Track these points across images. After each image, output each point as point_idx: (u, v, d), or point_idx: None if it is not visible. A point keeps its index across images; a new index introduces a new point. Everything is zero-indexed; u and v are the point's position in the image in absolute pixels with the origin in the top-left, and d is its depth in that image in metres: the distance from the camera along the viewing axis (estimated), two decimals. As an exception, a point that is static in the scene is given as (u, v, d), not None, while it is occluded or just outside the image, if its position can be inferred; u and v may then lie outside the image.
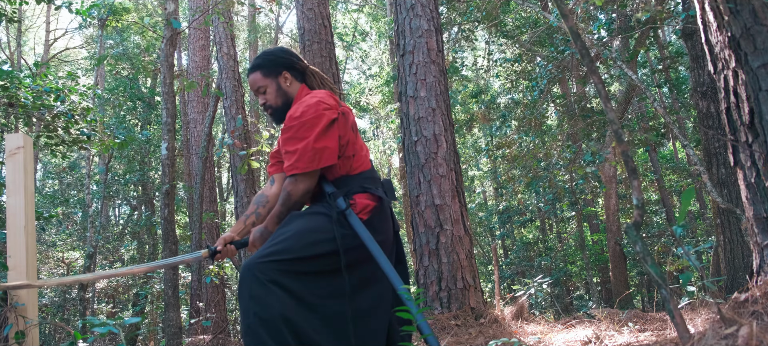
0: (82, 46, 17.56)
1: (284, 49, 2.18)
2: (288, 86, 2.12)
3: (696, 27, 5.70)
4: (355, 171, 2.04)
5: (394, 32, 4.79)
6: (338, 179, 2.01)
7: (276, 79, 2.11)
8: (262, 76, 2.11)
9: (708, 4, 2.74)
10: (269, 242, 1.86)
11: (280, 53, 2.15)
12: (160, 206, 5.14)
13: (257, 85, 2.12)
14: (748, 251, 5.38)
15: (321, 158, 1.91)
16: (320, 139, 1.91)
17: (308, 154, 1.90)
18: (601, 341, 2.82)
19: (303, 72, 2.16)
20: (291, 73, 2.13)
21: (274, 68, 2.11)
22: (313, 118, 1.93)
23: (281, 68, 2.12)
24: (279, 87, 2.11)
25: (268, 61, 2.12)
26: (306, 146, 1.90)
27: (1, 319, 2.43)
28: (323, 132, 1.92)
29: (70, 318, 10.48)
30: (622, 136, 2.10)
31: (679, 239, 1.94)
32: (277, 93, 2.11)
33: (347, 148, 2.02)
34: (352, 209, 1.94)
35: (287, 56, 2.13)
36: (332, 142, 1.93)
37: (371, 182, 2.05)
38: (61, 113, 4.33)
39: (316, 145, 1.91)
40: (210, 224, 8.64)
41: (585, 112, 9.05)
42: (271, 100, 2.11)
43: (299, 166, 1.92)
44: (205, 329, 6.85)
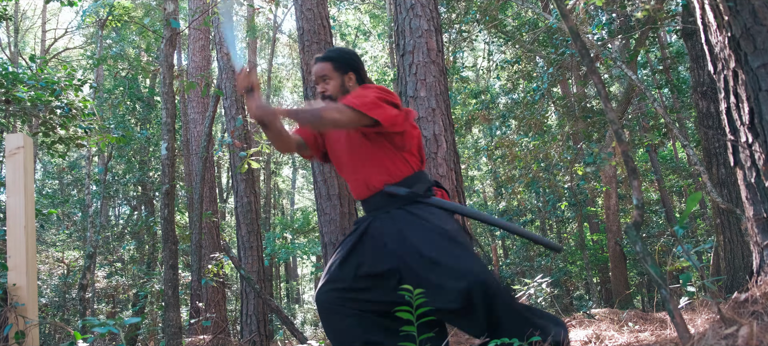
0: (82, 46, 17.56)
1: (356, 54, 2.39)
2: (350, 86, 2.31)
3: (696, 27, 5.70)
4: (422, 167, 2.31)
5: (394, 32, 4.79)
6: (415, 173, 2.25)
7: (342, 76, 2.30)
8: (332, 69, 2.30)
9: (708, 4, 2.74)
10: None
11: (352, 56, 2.35)
12: (160, 206, 5.14)
13: (323, 74, 2.30)
14: (748, 251, 5.38)
15: (372, 108, 2.09)
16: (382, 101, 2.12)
17: (367, 100, 2.11)
18: (601, 341, 2.82)
19: (363, 80, 2.36)
20: (355, 76, 2.33)
21: (344, 66, 2.31)
22: (387, 92, 2.18)
23: (349, 69, 2.32)
24: (343, 83, 2.30)
25: (342, 58, 2.32)
26: (368, 95, 2.12)
27: (1, 319, 2.43)
28: (385, 100, 2.14)
29: (70, 318, 10.48)
30: (623, 136, 2.10)
31: (680, 239, 1.94)
32: (340, 88, 2.29)
33: (415, 146, 2.27)
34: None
35: (357, 61, 2.35)
36: (389, 109, 2.13)
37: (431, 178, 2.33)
38: (58, 108, 4.33)
39: (376, 99, 2.11)
40: (209, 223, 8.64)
41: (585, 113, 9.05)
42: (331, 91, 2.29)
43: (356, 103, 2.09)
44: (205, 329, 6.85)
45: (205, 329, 6.86)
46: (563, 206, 11.16)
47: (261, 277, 6.68)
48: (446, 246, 2.05)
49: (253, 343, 6.24)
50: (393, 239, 2.13)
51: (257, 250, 6.86)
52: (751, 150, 2.54)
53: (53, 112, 4.37)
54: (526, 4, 8.15)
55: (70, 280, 11.31)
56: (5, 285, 2.48)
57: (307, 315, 17.37)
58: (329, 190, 4.87)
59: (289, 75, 21.43)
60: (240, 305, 7.32)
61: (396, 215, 2.17)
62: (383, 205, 2.22)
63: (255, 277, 6.51)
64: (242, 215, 6.94)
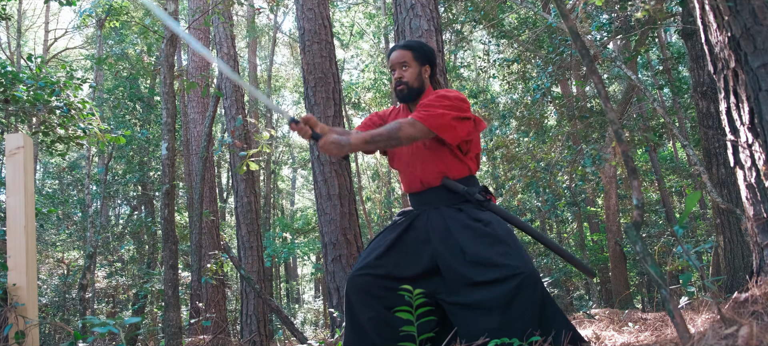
0: (82, 46, 17.55)
1: (433, 49, 2.47)
2: (425, 76, 2.39)
3: (696, 27, 5.70)
4: (475, 171, 2.38)
5: (394, 32, 4.79)
6: (469, 176, 2.32)
7: (420, 67, 2.37)
8: (412, 57, 2.37)
9: (708, 4, 2.74)
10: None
11: (430, 50, 2.43)
12: (160, 206, 5.14)
13: (403, 60, 2.36)
14: (748, 251, 5.38)
15: (444, 130, 2.16)
16: (456, 120, 2.18)
17: (442, 120, 2.15)
18: (601, 341, 2.82)
19: (433, 76, 2.45)
20: (431, 71, 2.41)
21: (423, 58, 2.38)
22: (462, 103, 2.22)
23: (427, 62, 2.39)
24: (420, 74, 2.37)
25: (422, 50, 2.39)
26: (445, 114, 2.16)
27: (1, 319, 2.43)
28: (460, 118, 2.19)
29: (70, 318, 10.47)
30: (622, 136, 2.10)
31: (680, 239, 1.94)
32: (417, 77, 2.36)
33: (472, 149, 2.33)
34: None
35: (434, 56, 2.43)
36: (461, 129, 2.20)
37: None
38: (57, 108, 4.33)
39: (451, 120, 2.16)
40: (209, 223, 8.64)
41: (583, 113, 9.05)
42: (409, 78, 2.35)
43: (428, 121, 2.14)
44: (205, 329, 6.85)
45: (205, 329, 6.86)
46: (561, 205, 11.16)
47: (261, 277, 6.68)
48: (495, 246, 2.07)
49: (253, 343, 6.24)
50: (438, 235, 2.17)
51: (257, 250, 6.86)
52: (751, 150, 2.54)
53: (53, 112, 4.38)
54: (525, 3, 8.15)
55: (70, 280, 11.31)
56: (5, 285, 2.48)
57: (307, 315, 17.38)
58: (329, 190, 4.87)
59: (289, 75, 21.42)
60: (240, 305, 7.32)
61: (445, 213, 2.21)
62: (434, 201, 2.27)
63: (255, 277, 6.51)
64: (242, 215, 6.94)
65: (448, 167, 2.27)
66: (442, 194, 2.25)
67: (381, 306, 2.15)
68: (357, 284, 2.18)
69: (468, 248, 2.07)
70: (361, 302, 2.17)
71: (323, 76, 5.18)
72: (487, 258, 2.02)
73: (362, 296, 2.17)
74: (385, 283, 2.17)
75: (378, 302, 2.16)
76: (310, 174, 21.46)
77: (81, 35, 17.82)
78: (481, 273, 2.02)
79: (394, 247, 2.22)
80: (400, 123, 2.14)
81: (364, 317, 2.16)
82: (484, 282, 2.00)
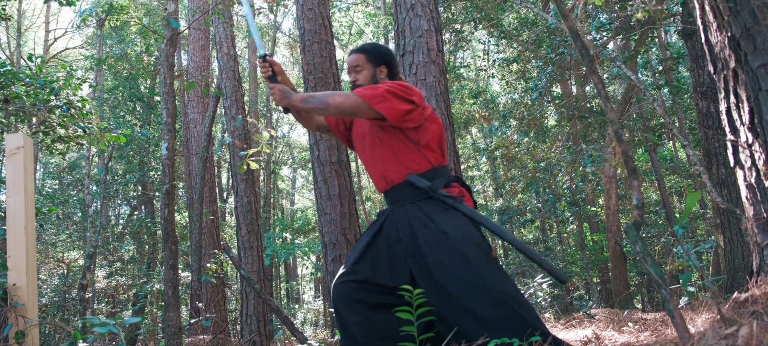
0: (82, 46, 17.55)
1: (390, 50, 2.45)
2: (381, 77, 2.38)
3: (696, 27, 5.70)
4: (444, 163, 2.31)
5: (394, 32, 4.79)
6: (433, 169, 2.25)
7: (374, 68, 2.37)
8: (365, 60, 2.37)
9: (708, 4, 2.74)
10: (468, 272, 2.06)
11: (387, 51, 2.42)
12: (160, 206, 5.14)
13: (356, 64, 2.37)
14: (748, 251, 5.38)
15: (378, 101, 2.14)
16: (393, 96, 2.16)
17: (376, 92, 2.16)
18: (601, 341, 2.82)
19: (394, 76, 2.42)
20: (387, 71, 2.39)
21: (377, 59, 2.38)
22: (407, 89, 2.20)
23: (382, 62, 2.38)
24: (374, 75, 2.37)
25: (375, 51, 2.39)
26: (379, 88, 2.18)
27: (1, 319, 2.43)
28: (399, 96, 2.17)
29: (70, 318, 10.47)
30: (622, 136, 2.10)
31: (680, 239, 1.94)
32: (371, 79, 2.36)
33: (435, 141, 2.27)
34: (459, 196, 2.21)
35: (390, 57, 2.41)
36: (398, 104, 2.16)
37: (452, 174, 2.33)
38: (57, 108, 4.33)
39: (385, 92, 2.15)
40: (209, 223, 8.64)
41: (583, 113, 9.05)
42: (362, 80, 2.36)
43: (364, 93, 2.16)
44: (205, 329, 6.85)
45: (205, 329, 6.86)
46: (562, 206, 11.16)
47: (261, 277, 6.68)
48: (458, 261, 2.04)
49: (253, 343, 6.24)
50: (406, 235, 2.17)
51: (257, 250, 6.86)
52: (751, 150, 2.54)
53: (52, 112, 4.38)
54: (524, 3, 8.15)
55: (70, 280, 11.31)
56: (5, 285, 2.48)
57: (307, 315, 17.38)
58: (329, 190, 4.87)
59: (289, 75, 21.44)
60: (240, 305, 7.32)
61: (409, 210, 2.20)
62: (401, 197, 2.26)
63: (255, 277, 6.51)
64: (242, 215, 6.94)
65: (408, 161, 2.24)
66: (409, 191, 2.23)
67: (365, 309, 2.18)
68: (339, 292, 2.22)
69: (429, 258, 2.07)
70: (346, 309, 2.21)
71: (323, 76, 5.19)
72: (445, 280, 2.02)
73: (346, 302, 2.20)
74: (364, 286, 2.19)
75: (362, 306, 2.18)
76: (310, 174, 21.45)
77: (81, 35, 17.82)
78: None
79: (368, 250, 2.24)
80: (335, 91, 2.21)
81: (350, 323, 2.19)
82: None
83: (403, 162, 2.25)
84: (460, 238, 2.07)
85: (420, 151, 2.25)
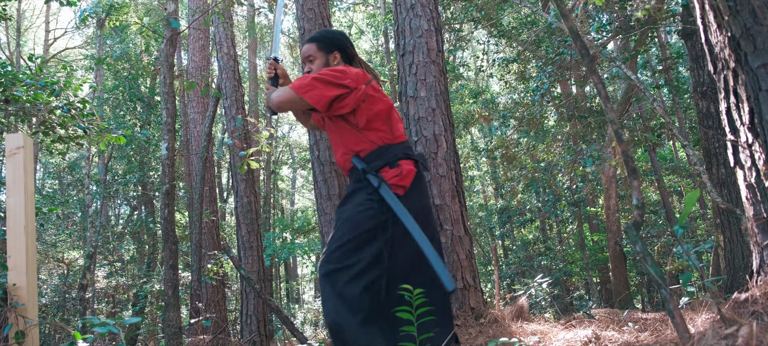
0: (82, 46, 17.55)
1: (342, 34, 2.43)
2: (334, 63, 2.37)
3: (696, 27, 5.70)
4: (396, 140, 2.26)
5: (394, 32, 4.79)
6: (381, 147, 2.22)
7: (327, 56, 2.36)
8: (316, 49, 2.37)
9: (708, 4, 2.74)
10: (333, 232, 2.14)
11: (338, 36, 2.40)
12: (160, 206, 5.14)
13: (308, 54, 2.38)
14: (748, 251, 5.38)
15: (304, 90, 2.17)
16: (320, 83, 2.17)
17: (303, 81, 2.18)
18: (601, 341, 2.82)
19: (351, 58, 2.41)
20: (341, 55, 2.38)
21: (329, 46, 2.37)
22: (340, 74, 2.20)
23: (334, 48, 2.37)
24: (327, 63, 2.36)
25: (326, 39, 2.38)
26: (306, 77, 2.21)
27: (1, 319, 2.43)
28: (328, 82, 2.17)
29: (70, 318, 10.47)
30: (622, 136, 2.10)
31: (680, 239, 1.94)
32: (323, 67, 2.35)
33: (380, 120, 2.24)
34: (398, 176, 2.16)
35: (342, 40, 2.39)
36: (326, 91, 2.16)
37: (409, 150, 2.28)
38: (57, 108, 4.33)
39: (312, 80, 2.17)
40: (209, 223, 8.64)
41: (582, 113, 9.04)
42: (316, 69, 2.36)
43: (295, 85, 2.20)
44: (205, 329, 6.85)
45: (205, 329, 6.86)
46: (562, 206, 11.16)
47: (261, 277, 6.68)
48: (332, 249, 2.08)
49: (253, 343, 6.24)
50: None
51: (257, 250, 6.86)
52: (751, 150, 2.54)
53: (53, 112, 4.38)
54: (524, 2, 8.15)
55: (70, 280, 11.31)
56: (5, 285, 2.48)
57: (307, 315, 17.37)
58: (329, 190, 4.87)
59: (290, 74, 21.42)
60: (240, 305, 7.32)
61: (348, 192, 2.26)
62: (353, 181, 2.30)
63: (255, 277, 6.51)
64: (242, 215, 6.93)
65: (352, 144, 2.25)
66: (354, 175, 2.28)
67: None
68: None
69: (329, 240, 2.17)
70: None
71: (323, 76, 5.18)
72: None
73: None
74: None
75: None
76: (310, 174, 21.45)
77: (81, 35, 17.82)
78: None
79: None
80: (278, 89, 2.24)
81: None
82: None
83: (348, 146, 2.27)
84: (344, 216, 2.14)
85: (363, 133, 2.24)
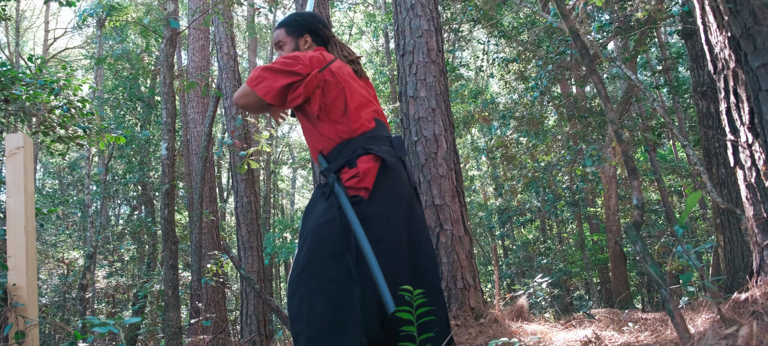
0: (81, 46, 17.55)
1: (313, 15, 2.27)
2: (305, 48, 2.22)
3: (696, 27, 5.70)
4: (356, 133, 2.02)
5: (394, 32, 4.79)
6: (340, 144, 2.02)
7: (296, 40, 2.22)
8: (285, 34, 2.23)
9: (708, 4, 2.74)
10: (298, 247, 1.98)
11: (308, 17, 2.25)
12: (160, 206, 5.15)
13: (278, 40, 2.24)
14: (748, 251, 5.38)
15: (256, 83, 2.01)
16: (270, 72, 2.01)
17: (254, 74, 2.04)
18: (601, 341, 2.82)
19: (326, 40, 2.26)
20: (312, 37, 2.23)
21: (298, 29, 2.22)
22: (291, 60, 2.02)
23: (304, 30, 2.23)
24: (297, 47, 2.21)
25: (295, 22, 2.24)
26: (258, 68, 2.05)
27: (1, 319, 2.43)
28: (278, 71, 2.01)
29: (70, 318, 10.48)
30: (622, 136, 2.10)
31: (680, 239, 1.94)
32: (293, 51, 2.18)
33: (338, 111, 2.02)
34: (356, 178, 1.93)
35: (313, 21, 2.24)
36: (274, 81, 2.00)
37: (375, 142, 2.02)
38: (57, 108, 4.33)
39: (262, 72, 2.02)
40: (209, 223, 8.64)
41: (582, 113, 9.04)
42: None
43: (248, 79, 2.04)
44: (204, 329, 6.85)
45: (205, 329, 6.86)
46: (561, 205, 11.16)
47: (261, 277, 6.68)
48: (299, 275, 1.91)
49: (253, 343, 6.24)
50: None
51: (257, 250, 6.86)
52: (751, 150, 2.54)
53: (52, 112, 4.38)
54: (524, 2, 8.15)
55: (70, 280, 11.32)
56: (5, 285, 2.48)
57: (307, 315, 17.35)
58: (329, 190, 4.86)
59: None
60: (240, 305, 7.32)
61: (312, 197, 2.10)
62: (317, 185, 2.20)
63: (255, 277, 6.51)
64: (242, 215, 6.93)
65: (315, 141, 2.08)
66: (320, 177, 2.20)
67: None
68: None
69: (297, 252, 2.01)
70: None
71: (323, 76, 5.18)
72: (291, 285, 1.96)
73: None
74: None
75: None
76: (310, 174, 21.45)
77: (81, 35, 17.82)
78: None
79: None
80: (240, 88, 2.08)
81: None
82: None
83: (313, 144, 2.09)
84: (307, 228, 1.96)
85: (320, 126, 2.04)
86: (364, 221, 1.88)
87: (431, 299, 1.98)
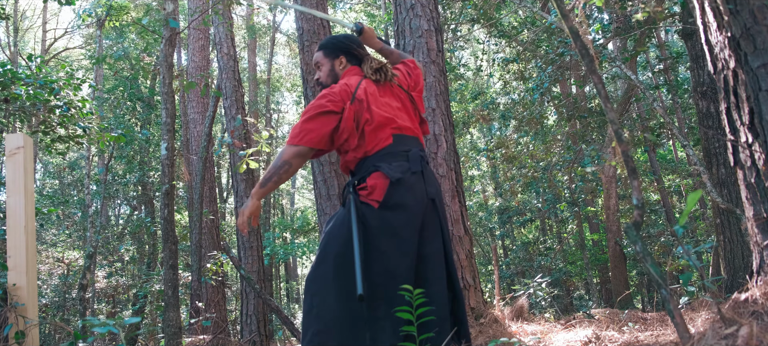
0: (82, 46, 17.55)
1: (348, 36, 2.44)
2: (340, 68, 2.39)
3: (696, 27, 5.70)
4: (373, 151, 2.18)
5: (395, 32, 4.79)
6: (361, 160, 2.20)
7: (332, 61, 2.40)
8: (323, 56, 2.42)
9: (708, 4, 2.74)
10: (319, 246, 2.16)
11: (343, 39, 2.43)
12: (160, 206, 5.15)
13: (316, 61, 2.43)
14: (748, 251, 5.38)
15: (299, 138, 2.16)
16: (307, 122, 2.17)
17: (294, 132, 2.19)
18: (601, 341, 2.82)
19: (361, 59, 2.42)
20: (347, 58, 2.40)
21: (334, 51, 2.40)
22: (322, 100, 2.19)
23: (339, 52, 2.40)
24: (332, 68, 2.40)
25: (331, 45, 2.42)
26: (296, 126, 2.20)
27: (1, 319, 2.43)
28: (315, 115, 2.17)
29: (70, 318, 10.47)
30: (622, 136, 2.10)
31: (680, 239, 1.94)
32: (329, 73, 2.40)
33: (350, 140, 2.19)
34: (364, 190, 2.12)
35: (348, 43, 2.41)
36: (318, 127, 2.16)
37: (388, 158, 2.16)
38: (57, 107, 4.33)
39: (304, 126, 2.17)
40: (209, 223, 8.64)
41: (581, 113, 9.04)
42: (322, 77, 2.42)
43: (288, 139, 2.21)
44: (204, 329, 6.85)
45: (205, 329, 6.86)
46: (562, 206, 11.16)
47: (261, 277, 6.68)
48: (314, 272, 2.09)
49: (253, 343, 6.24)
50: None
51: (257, 250, 6.86)
52: (751, 150, 2.54)
53: (52, 112, 4.38)
54: (524, 2, 8.15)
55: (70, 280, 11.31)
56: (5, 285, 2.48)
57: (307, 315, 17.34)
58: (329, 190, 4.87)
59: (288, 75, 21.45)
60: (240, 305, 7.32)
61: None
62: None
63: (255, 277, 6.51)
64: (242, 215, 6.93)
65: (345, 161, 2.28)
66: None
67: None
68: None
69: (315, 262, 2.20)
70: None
71: (323, 76, 5.18)
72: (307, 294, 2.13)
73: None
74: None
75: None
76: (310, 174, 21.45)
77: (81, 35, 17.81)
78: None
79: None
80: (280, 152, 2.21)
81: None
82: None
83: (343, 159, 2.29)
84: (327, 229, 2.16)
85: (345, 152, 2.24)
86: (371, 228, 2.06)
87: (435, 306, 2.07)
